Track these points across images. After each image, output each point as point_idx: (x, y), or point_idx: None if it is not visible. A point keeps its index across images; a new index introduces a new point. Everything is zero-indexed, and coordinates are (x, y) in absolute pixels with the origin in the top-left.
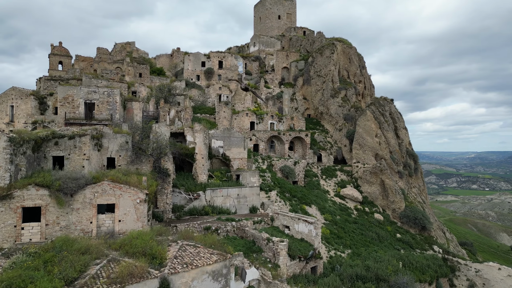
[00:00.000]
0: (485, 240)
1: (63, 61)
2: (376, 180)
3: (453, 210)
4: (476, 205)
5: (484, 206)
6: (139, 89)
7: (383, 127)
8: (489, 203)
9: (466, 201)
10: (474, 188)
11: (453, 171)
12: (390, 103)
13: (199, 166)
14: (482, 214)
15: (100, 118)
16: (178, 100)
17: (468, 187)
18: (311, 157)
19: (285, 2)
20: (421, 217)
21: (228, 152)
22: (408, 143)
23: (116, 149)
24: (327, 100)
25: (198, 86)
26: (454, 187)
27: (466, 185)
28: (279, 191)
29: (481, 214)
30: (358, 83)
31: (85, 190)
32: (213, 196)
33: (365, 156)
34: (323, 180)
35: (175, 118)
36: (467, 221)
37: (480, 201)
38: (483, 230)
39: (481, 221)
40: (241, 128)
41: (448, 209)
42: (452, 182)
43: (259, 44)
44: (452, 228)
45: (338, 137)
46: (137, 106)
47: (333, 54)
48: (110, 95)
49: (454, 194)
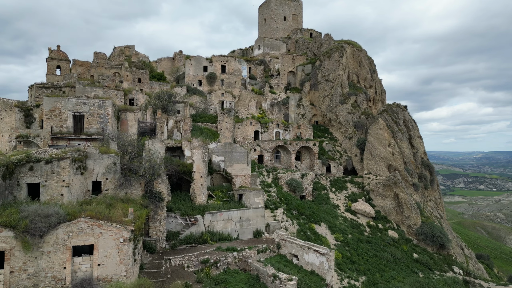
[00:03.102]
0: (496, 245)
1: (61, 65)
2: (389, 194)
3: (461, 211)
4: (484, 206)
5: (492, 207)
6: (137, 96)
7: (396, 136)
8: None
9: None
10: (481, 189)
11: (460, 171)
12: (404, 110)
13: (198, 186)
14: (490, 216)
15: (90, 132)
16: (178, 108)
17: (475, 187)
18: (319, 168)
19: (290, 2)
20: (439, 235)
21: (229, 168)
22: (423, 153)
23: (102, 172)
24: (335, 106)
25: (200, 92)
26: (461, 188)
27: (473, 185)
28: (286, 208)
29: (489, 216)
30: (369, 88)
31: (58, 230)
32: (212, 221)
33: (377, 167)
34: (333, 193)
35: (173, 129)
36: (476, 224)
37: (488, 202)
38: (492, 233)
39: (490, 224)
40: (245, 138)
41: (455, 210)
42: (459, 182)
43: (264, 47)
44: (462, 232)
45: (348, 146)
46: (132, 117)
47: (342, 57)
48: (101, 106)
49: (461, 195)
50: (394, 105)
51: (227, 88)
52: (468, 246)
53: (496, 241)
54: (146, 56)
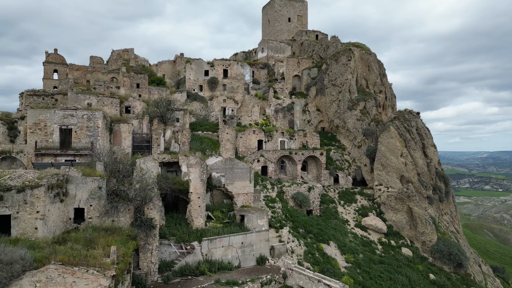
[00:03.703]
0: (506, 250)
1: (59, 69)
2: (402, 207)
3: (467, 213)
4: (490, 207)
5: (498, 208)
6: (134, 103)
7: (409, 145)
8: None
9: (479, 202)
10: (487, 189)
11: (465, 171)
12: (416, 117)
13: (195, 208)
14: (497, 218)
15: (78, 146)
16: (177, 116)
17: (481, 187)
18: (327, 179)
19: (295, 3)
20: (456, 253)
21: (230, 186)
22: (437, 163)
23: (85, 198)
24: (343, 113)
25: (201, 98)
26: (467, 188)
27: (479, 185)
28: (292, 227)
29: (496, 217)
30: (378, 93)
31: (23, 280)
32: (211, 248)
33: (388, 178)
34: (341, 207)
35: (171, 140)
36: (483, 226)
37: (494, 203)
38: (500, 236)
39: (497, 226)
40: (248, 147)
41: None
42: (465, 182)
43: (268, 49)
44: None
45: (356, 154)
46: (125, 128)
47: (350, 61)
48: (90, 119)
49: (467, 195)
50: (406, 112)
51: (229, 93)
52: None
53: (505, 245)
54: (145, 59)
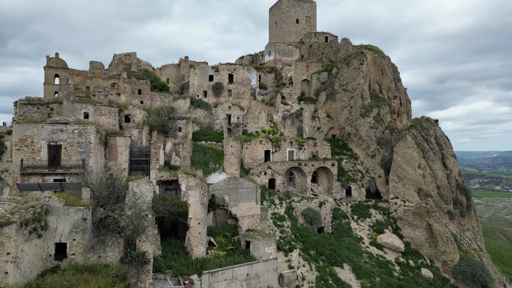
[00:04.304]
0: None
1: (60, 74)
2: (421, 223)
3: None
4: (501, 208)
5: (509, 209)
6: (134, 112)
7: (427, 156)
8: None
9: (490, 203)
10: (497, 190)
11: (475, 171)
12: (435, 125)
13: (194, 236)
14: (509, 220)
15: (68, 164)
16: (179, 125)
17: (491, 188)
18: (339, 191)
19: (303, 4)
20: (480, 274)
21: (235, 208)
22: (457, 174)
23: (68, 231)
24: (356, 120)
25: (205, 105)
26: (477, 189)
27: (489, 186)
28: (302, 248)
29: (507, 219)
30: (393, 99)
31: None
32: (212, 282)
33: (405, 191)
34: (355, 222)
35: (171, 153)
36: (495, 229)
37: (505, 204)
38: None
39: (510, 229)
40: (254, 159)
41: None
42: (475, 183)
43: (275, 52)
44: None
45: (370, 165)
46: (122, 142)
47: (362, 64)
48: (81, 134)
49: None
50: (423, 120)
51: (235, 99)
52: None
53: None
54: (148, 63)
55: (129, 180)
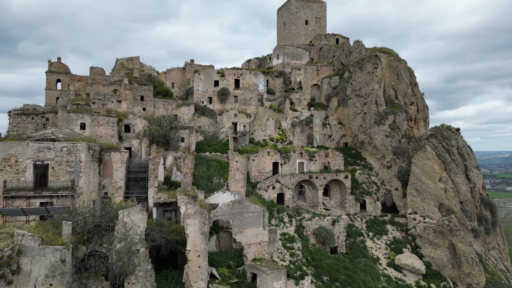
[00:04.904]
0: None
1: (62, 79)
2: (443, 242)
3: None
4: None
5: None
6: (134, 121)
7: (449, 168)
8: None
9: (502, 204)
10: (509, 190)
11: (486, 172)
12: (456, 134)
13: (193, 270)
14: None
15: (56, 186)
16: (182, 135)
17: (503, 189)
18: (352, 205)
19: (313, 4)
20: None
21: (240, 235)
22: (481, 187)
23: (43, 275)
24: (370, 128)
25: (210, 112)
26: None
27: (501, 187)
28: (315, 274)
29: None
30: (409, 105)
31: None
32: None
33: (424, 206)
34: (370, 240)
35: (172, 167)
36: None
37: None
38: None
39: None
40: (261, 171)
41: None
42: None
43: (283, 56)
44: None
45: (386, 176)
46: (117, 158)
47: (377, 68)
48: (71, 152)
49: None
50: (443, 128)
51: (241, 105)
52: None
53: None
54: (152, 68)
55: (118, 208)
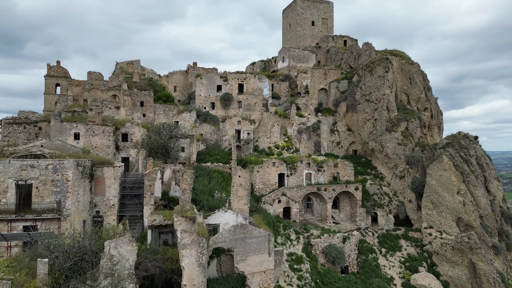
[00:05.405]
0: None
1: (61, 83)
2: (462, 260)
3: None
4: None
5: None
6: (132, 130)
7: (468, 180)
8: None
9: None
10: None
11: None
12: (475, 142)
13: None
14: None
15: (41, 208)
16: (183, 145)
17: (510, 189)
18: (363, 218)
19: (319, 5)
20: None
21: (242, 264)
22: (501, 199)
23: None
24: (381, 135)
25: (212, 118)
26: None
27: (508, 187)
28: None
29: None
30: (423, 111)
31: None
32: None
33: (441, 220)
34: (383, 257)
35: (171, 181)
36: None
37: None
38: None
39: None
40: (266, 183)
41: None
42: None
43: (289, 59)
44: None
45: (398, 187)
46: (110, 173)
47: (388, 72)
48: (57, 170)
49: None
50: (461, 136)
51: (245, 111)
52: None
53: None
54: (153, 71)
55: (105, 239)
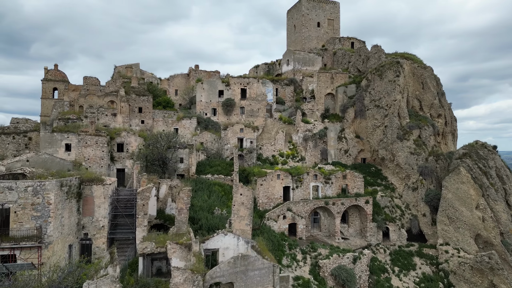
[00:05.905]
0: None
1: (59, 87)
2: (481, 282)
3: None
4: None
5: None
6: (128, 139)
7: (488, 193)
8: None
9: None
10: None
11: None
12: (494, 152)
13: None
14: None
15: (19, 234)
16: (181, 155)
17: None
18: (374, 233)
19: (325, 5)
20: None
21: None
22: None
23: None
24: (392, 143)
25: (214, 124)
26: None
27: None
28: None
29: None
30: (436, 118)
31: None
32: None
33: (458, 237)
34: (396, 277)
35: (167, 198)
36: None
37: None
38: None
39: None
40: (270, 197)
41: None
42: None
43: (294, 62)
44: None
45: (411, 199)
46: (100, 192)
47: (399, 76)
48: (37, 192)
49: None
50: (478, 146)
51: (248, 117)
52: None
53: None
54: (154, 75)
55: (83, 279)
